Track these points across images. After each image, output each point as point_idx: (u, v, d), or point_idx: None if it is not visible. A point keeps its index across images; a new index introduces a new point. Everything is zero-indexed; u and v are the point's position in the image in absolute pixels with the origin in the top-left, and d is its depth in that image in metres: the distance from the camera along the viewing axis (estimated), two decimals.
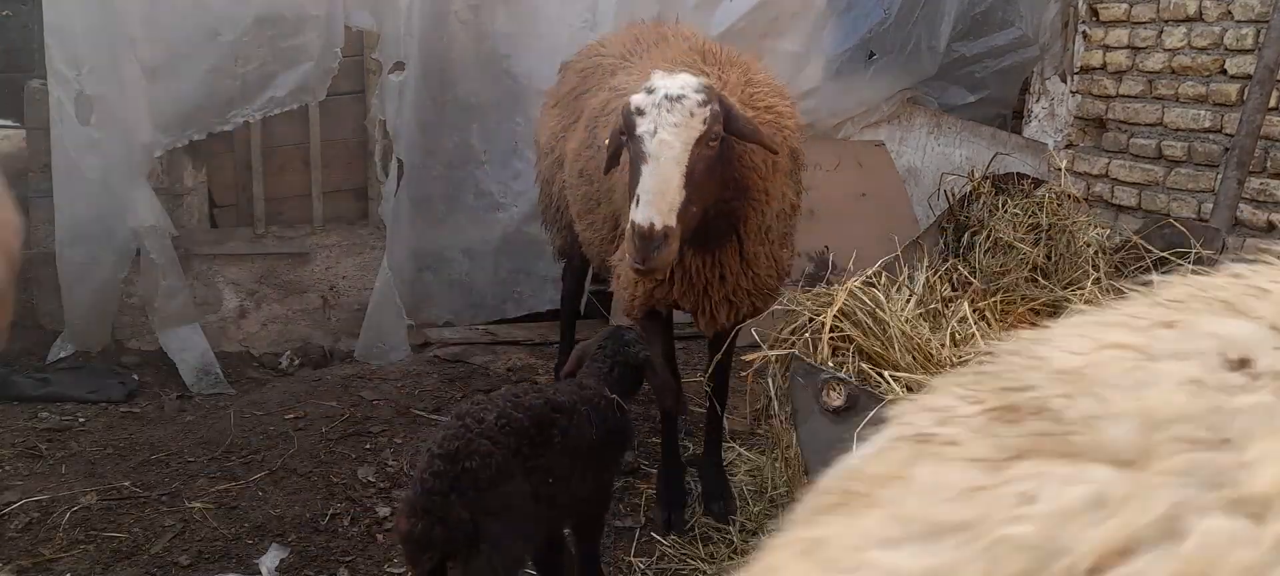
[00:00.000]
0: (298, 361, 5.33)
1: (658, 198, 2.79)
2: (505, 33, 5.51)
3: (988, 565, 0.47)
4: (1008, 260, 3.57)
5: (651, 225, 2.77)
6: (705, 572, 3.34)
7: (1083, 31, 6.12)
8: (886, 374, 2.54)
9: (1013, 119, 6.70)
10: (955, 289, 3.29)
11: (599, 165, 3.47)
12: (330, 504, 3.79)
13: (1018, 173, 4.18)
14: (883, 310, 2.68)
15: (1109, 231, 4.03)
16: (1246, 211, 5.00)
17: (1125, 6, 5.79)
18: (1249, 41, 5.02)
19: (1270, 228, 4.98)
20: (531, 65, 5.51)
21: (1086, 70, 6.09)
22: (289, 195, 5.55)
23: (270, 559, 3.42)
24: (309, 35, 5.12)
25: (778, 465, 3.67)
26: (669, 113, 2.84)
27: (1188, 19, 5.38)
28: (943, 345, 2.76)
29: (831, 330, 2.60)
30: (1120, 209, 5.80)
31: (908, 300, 2.96)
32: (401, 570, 3.35)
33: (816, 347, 2.59)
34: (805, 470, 2.64)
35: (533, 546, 2.81)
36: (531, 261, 5.74)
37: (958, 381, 0.63)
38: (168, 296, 5.03)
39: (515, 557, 2.56)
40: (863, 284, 2.76)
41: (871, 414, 2.29)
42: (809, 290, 2.87)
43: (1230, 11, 5.16)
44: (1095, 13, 6.03)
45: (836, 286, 2.76)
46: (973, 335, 2.94)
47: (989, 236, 3.67)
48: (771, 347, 2.72)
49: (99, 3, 4.74)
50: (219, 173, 5.46)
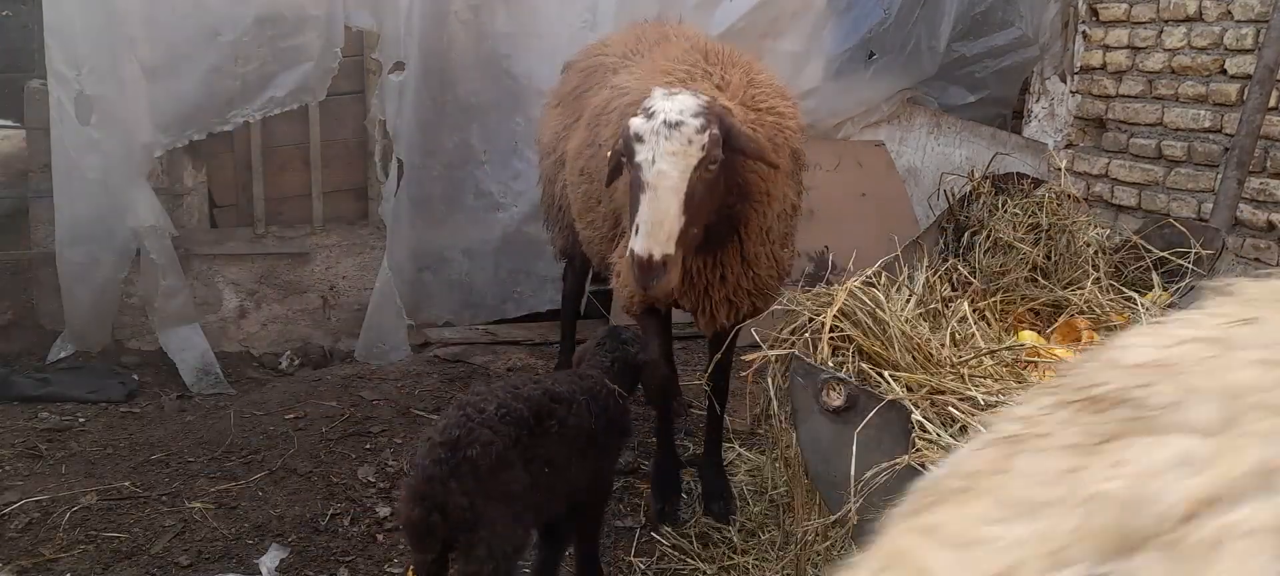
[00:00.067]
0: (298, 361, 5.33)
1: (656, 228, 2.79)
2: (505, 33, 5.52)
3: (1083, 518, 0.51)
4: (1008, 260, 3.56)
5: (651, 256, 2.78)
6: (705, 572, 3.35)
7: (1083, 31, 6.12)
8: (886, 374, 2.53)
9: (1013, 119, 6.70)
10: (955, 289, 3.28)
11: (600, 164, 3.47)
12: (330, 504, 3.79)
13: (1018, 173, 4.18)
14: (883, 310, 2.68)
15: (1109, 231, 4.02)
16: (1246, 211, 5.00)
17: (1125, 6, 5.79)
18: (1249, 41, 5.02)
19: (1270, 227, 4.98)
20: (531, 65, 5.52)
21: (1086, 70, 6.09)
22: (289, 195, 5.55)
23: (270, 559, 3.42)
24: (309, 35, 5.12)
25: (778, 465, 3.67)
26: (667, 140, 2.80)
27: (1188, 19, 5.38)
28: (943, 345, 2.76)
29: (831, 330, 2.60)
30: (1120, 209, 5.80)
31: (908, 300, 2.95)
32: (401, 570, 3.35)
33: (816, 347, 2.59)
34: (805, 470, 2.64)
35: (531, 534, 2.84)
36: (531, 261, 5.74)
37: (1039, 392, 0.67)
38: (168, 296, 5.03)
39: (514, 545, 2.60)
40: (863, 284, 2.75)
41: (871, 414, 2.28)
42: (809, 290, 2.86)
43: (1230, 11, 5.16)
44: (1095, 13, 6.03)
45: (836, 286, 2.76)
46: (972, 335, 2.94)
47: (989, 236, 3.67)
48: (771, 347, 2.72)
49: (99, 3, 4.74)
50: (219, 173, 5.46)
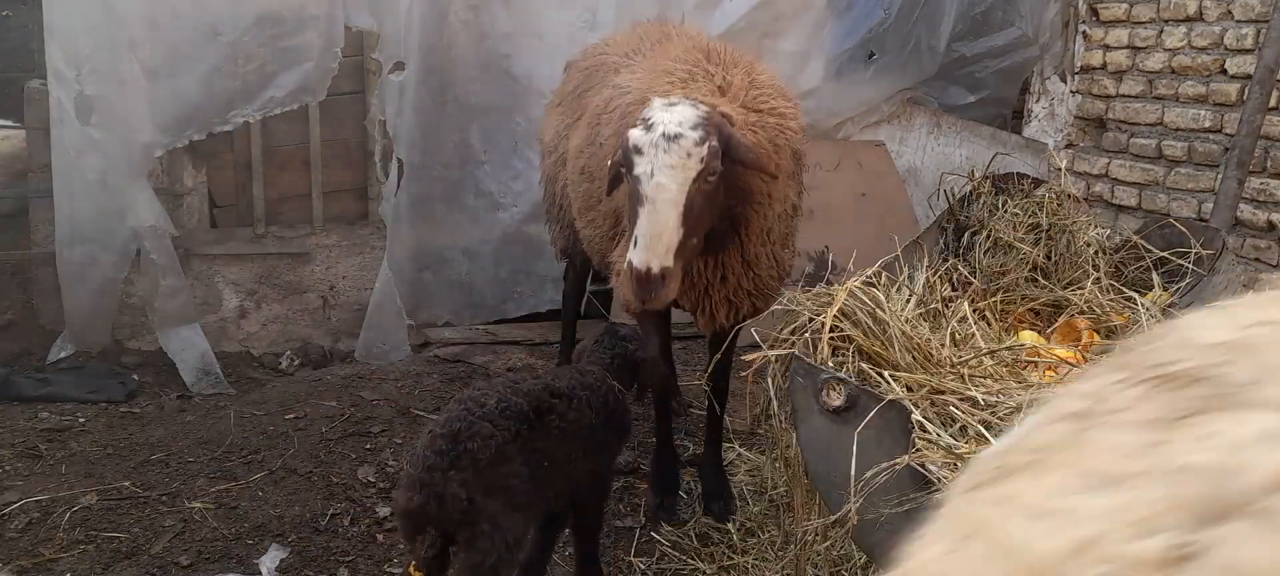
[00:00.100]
0: (298, 361, 5.33)
1: (655, 241, 2.78)
2: (505, 33, 5.52)
3: (1170, 488, 0.51)
4: (1008, 260, 3.56)
5: (649, 268, 2.77)
6: (705, 572, 3.35)
7: (1083, 31, 6.12)
8: (886, 374, 2.53)
9: (1013, 119, 6.69)
10: (955, 289, 3.28)
11: (601, 163, 3.47)
12: (330, 504, 3.79)
13: (1018, 173, 4.18)
14: (883, 310, 2.68)
15: (1109, 231, 4.02)
16: (1246, 211, 5.00)
17: (1125, 6, 5.79)
18: (1249, 41, 5.02)
19: (1270, 227, 4.98)
20: (531, 65, 5.52)
21: (1086, 70, 6.09)
22: (289, 195, 5.55)
23: (270, 559, 3.42)
24: (309, 35, 5.12)
25: (778, 465, 3.67)
26: (665, 154, 2.79)
27: (1188, 19, 5.38)
28: (943, 345, 2.76)
29: (831, 330, 2.60)
30: (1120, 209, 5.80)
31: (908, 300, 2.96)
32: (402, 570, 3.35)
33: (816, 347, 2.59)
34: (805, 470, 2.64)
35: (531, 527, 2.86)
36: (531, 261, 5.74)
37: (1103, 370, 0.66)
38: (168, 296, 5.03)
39: (514, 536, 2.62)
40: (863, 284, 2.75)
41: (871, 414, 2.28)
42: (809, 290, 2.86)
43: (1230, 11, 5.16)
44: (1095, 13, 6.03)
45: (836, 286, 2.76)
46: (972, 335, 2.94)
47: (989, 236, 3.66)
48: (771, 347, 2.72)
49: (99, 3, 4.75)
50: (219, 173, 5.45)
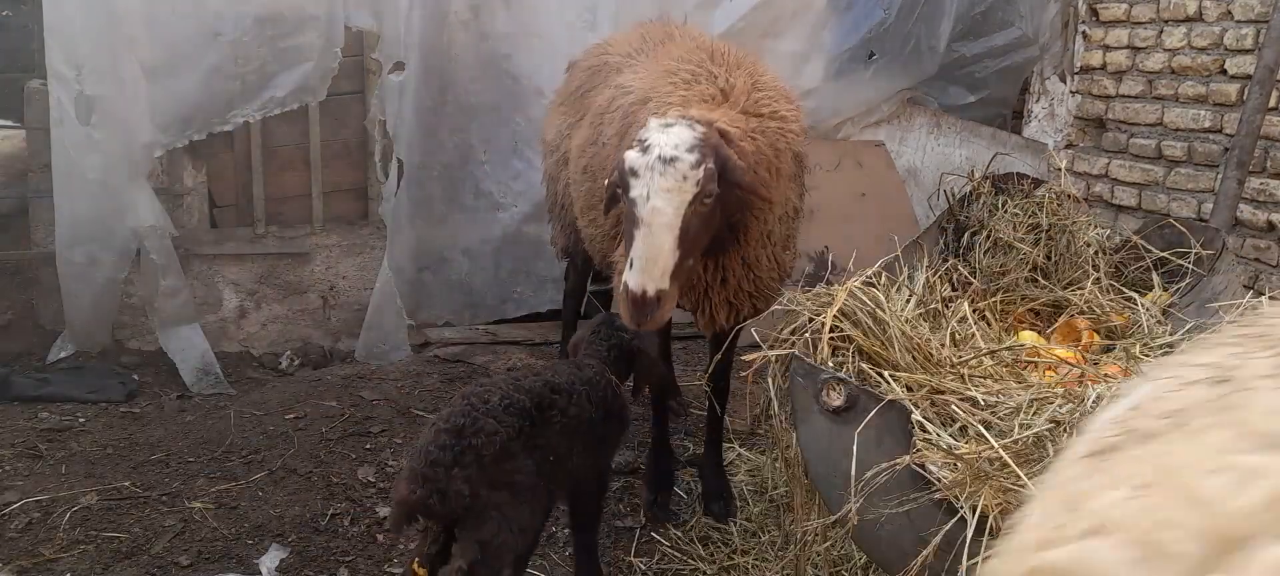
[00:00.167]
0: (298, 361, 5.33)
1: (650, 264, 2.77)
2: (505, 33, 5.51)
3: None
4: (1008, 260, 3.56)
5: (644, 292, 2.77)
6: (705, 573, 3.35)
7: (1083, 31, 6.12)
8: (886, 374, 2.54)
9: (1013, 119, 6.69)
10: (955, 289, 3.28)
11: (602, 162, 3.47)
12: (330, 504, 3.79)
13: (1018, 173, 4.17)
14: (883, 310, 2.68)
15: (1109, 231, 4.02)
16: (1246, 211, 5.00)
17: (1125, 6, 5.79)
18: (1249, 41, 5.02)
19: (1270, 227, 4.98)
20: (531, 65, 5.52)
21: (1086, 70, 6.09)
22: (289, 195, 5.55)
23: (270, 559, 3.42)
24: (309, 35, 5.12)
25: (778, 465, 3.67)
26: (661, 177, 2.76)
27: (1188, 19, 5.38)
28: (943, 345, 2.76)
29: (831, 330, 2.60)
30: (1120, 209, 5.80)
31: (908, 300, 2.96)
32: (401, 570, 3.35)
33: (816, 347, 2.59)
34: (805, 470, 2.64)
35: (537, 519, 2.88)
36: (531, 261, 5.74)
37: (1214, 343, 0.65)
38: (168, 296, 5.03)
39: (521, 524, 2.64)
40: (863, 284, 2.75)
41: (871, 414, 2.28)
42: (809, 290, 2.86)
43: (1230, 11, 5.16)
44: (1095, 13, 6.03)
45: (836, 286, 2.76)
46: (972, 335, 2.94)
47: (989, 236, 3.66)
48: (771, 348, 2.72)
49: (99, 3, 4.74)
50: (219, 173, 5.45)
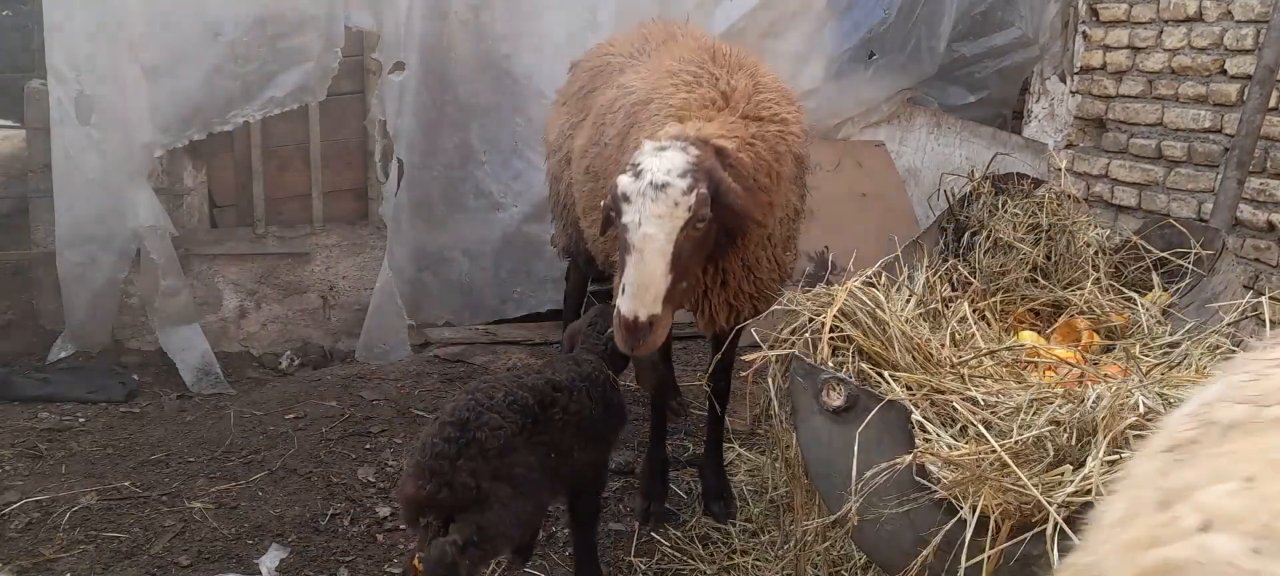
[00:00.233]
0: (298, 361, 5.33)
1: (642, 290, 2.77)
2: (505, 33, 5.51)
3: None
4: (1008, 260, 3.56)
5: (636, 317, 2.76)
6: (705, 573, 3.35)
7: (1083, 31, 6.12)
8: (886, 374, 2.54)
9: (1013, 119, 6.70)
10: (955, 289, 3.28)
11: (604, 162, 3.47)
12: (330, 504, 3.79)
13: (1018, 173, 4.17)
14: (883, 310, 2.68)
15: (1109, 231, 4.02)
16: (1246, 211, 5.00)
17: (1125, 6, 5.79)
18: (1249, 41, 5.02)
19: (1270, 227, 4.98)
20: (531, 65, 5.52)
21: (1086, 70, 6.09)
22: (289, 195, 5.55)
23: (270, 559, 3.42)
24: (309, 35, 5.12)
25: (778, 465, 3.67)
26: (653, 203, 2.75)
27: (1188, 19, 5.38)
28: (943, 345, 2.76)
29: (831, 330, 2.60)
30: (1120, 209, 5.80)
31: (908, 300, 2.96)
32: (401, 569, 3.35)
33: (816, 347, 2.59)
34: (805, 470, 2.64)
35: (538, 514, 2.92)
36: (531, 261, 5.74)
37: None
38: (168, 296, 5.03)
39: (521, 516, 2.67)
40: (863, 284, 2.75)
41: (871, 414, 2.28)
42: (809, 290, 2.86)
43: (1230, 11, 5.16)
44: (1095, 13, 6.03)
45: (836, 286, 2.76)
46: (972, 335, 2.94)
47: (989, 236, 3.66)
48: (771, 348, 2.72)
49: (99, 3, 4.74)
50: (219, 173, 5.46)
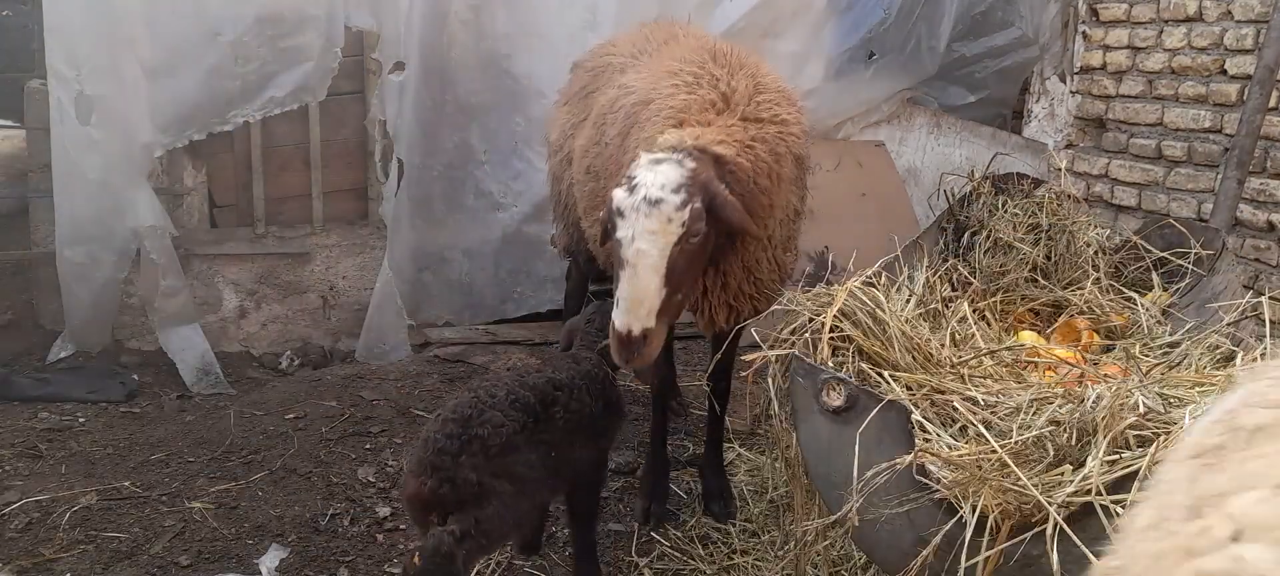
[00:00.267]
0: (298, 361, 5.33)
1: (636, 305, 2.77)
2: (505, 33, 5.51)
3: None
4: (1008, 260, 3.56)
5: (629, 331, 2.77)
6: (705, 573, 3.35)
7: (1083, 31, 6.12)
8: (886, 374, 2.54)
9: (1013, 119, 6.70)
10: (955, 289, 3.28)
11: (605, 162, 3.48)
12: (330, 504, 3.79)
13: (1018, 173, 4.17)
14: (882, 310, 2.68)
15: (1109, 231, 4.02)
16: (1246, 211, 5.00)
17: (1125, 6, 5.79)
18: (1249, 41, 5.02)
19: (1270, 227, 4.98)
20: (531, 65, 5.52)
21: (1086, 70, 6.09)
22: (289, 195, 5.55)
23: (270, 559, 3.42)
24: (309, 35, 5.12)
25: (778, 465, 3.67)
26: (646, 219, 2.74)
27: (1188, 19, 5.38)
28: (943, 345, 2.76)
29: (831, 330, 2.60)
30: (1120, 209, 5.80)
31: (908, 300, 2.96)
32: (401, 569, 3.35)
33: (816, 347, 2.59)
34: (805, 470, 2.64)
35: (537, 512, 2.95)
36: (531, 261, 5.74)
37: None
38: (168, 296, 5.03)
39: (518, 515, 2.70)
40: (863, 284, 2.75)
41: (872, 414, 2.28)
42: (809, 290, 2.86)
43: (1230, 11, 5.16)
44: (1095, 13, 6.03)
45: (836, 286, 2.76)
46: (972, 335, 2.94)
47: (989, 236, 3.66)
48: (771, 348, 2.72)
49: (99, 3, 4.74)
50: (219, 173, 5.46)
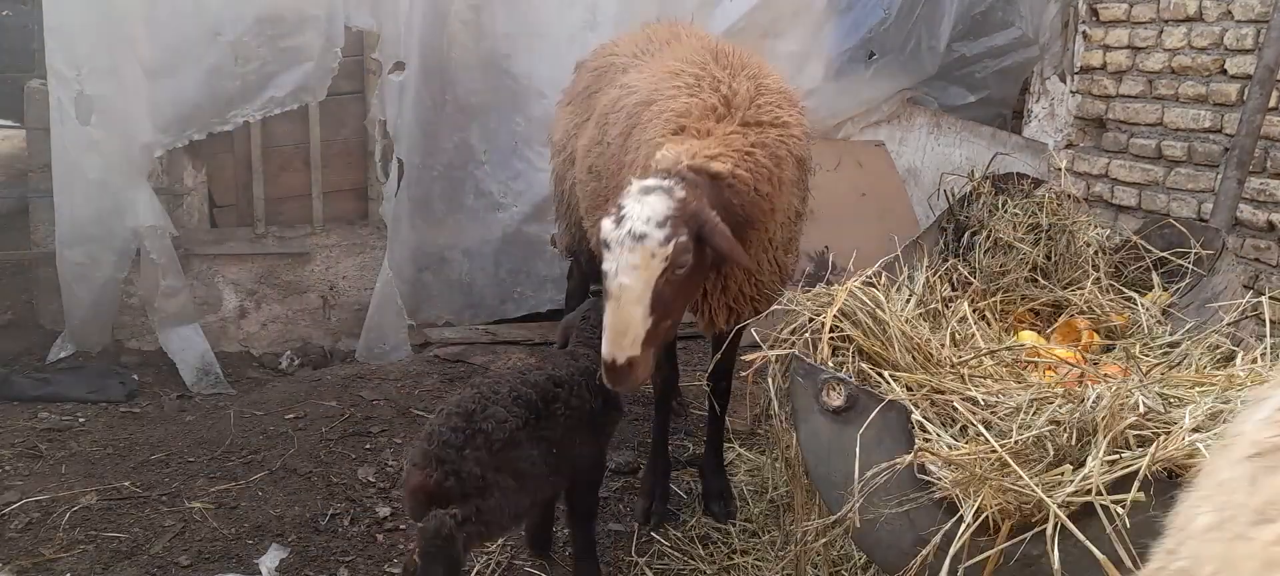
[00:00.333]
0: (298, 361, 5.33)
1: (619, 336, 2.79)
2: (505, 33, 5.51)
3: None
4: (1008, 260, 3.56)
5: (615, 360, 2.79)
6: (705, 573, 3.35)
7: (1083, 31, 6.12)
8: (886, 374, 2.54)
9: (1013, 119, 6.70)
10: (955, 289, 3.28)
11: (608, 162, 3.48)
12: (330, 504, 3.79)
13: (1018, 173, 4.17)
14: (882, 310, 2.68)
15: (1109, 231, 4.02)
16: (1246, 211, 5.00)
17: (1125, 6, 5.79)
18: (1249, 41, 5.02)
19: (1270, 227, 4.98)
20: (531, 65, 5.52)
21: (1086, 70, 6.09)
22: (289, 195, 5.55)
23: (270, 559, 3.42)
24: (309, 35, 5.12)
25: (778, 465, 3.67)
26: (629, 254, 2.74)
27: (1188, 19, 5.38)
28: (943, 345, 2.76)
29: (831, 330, 2.60)
30: (1120, 209, 5.80)
31: (908, 300, 2.96)
32: (401, 568, 3.35)
33: (816, 347, 2.59)
34: (805, 470, 2.64)
35: (537, 507, 3.01)
36: (531, 261, 5.75)
37: None
38: (168, 296, 5.03)
39: (518, 510, 2.80)
40: (863, 284, 2.75)
41: (872, 414, 2.28)
42: (809, 290, 2.86)
43: (1230, 11, 5.16)
44: (1095, 13, 6.03)
45: (836, 286, 2.76)
46: (972, 335, 2.94)
47: (989, 236, 3.66)
48: (771, 348, 2.72)
49: (99, 3, 4.74)
50: (219, 173, 5.46)
